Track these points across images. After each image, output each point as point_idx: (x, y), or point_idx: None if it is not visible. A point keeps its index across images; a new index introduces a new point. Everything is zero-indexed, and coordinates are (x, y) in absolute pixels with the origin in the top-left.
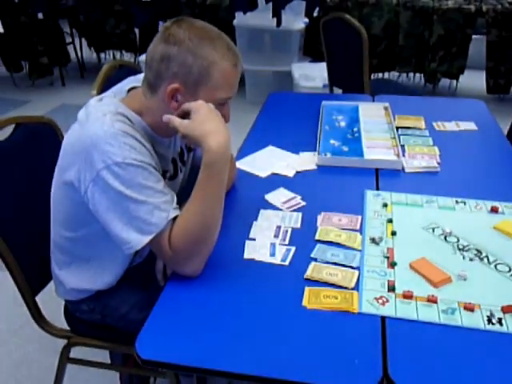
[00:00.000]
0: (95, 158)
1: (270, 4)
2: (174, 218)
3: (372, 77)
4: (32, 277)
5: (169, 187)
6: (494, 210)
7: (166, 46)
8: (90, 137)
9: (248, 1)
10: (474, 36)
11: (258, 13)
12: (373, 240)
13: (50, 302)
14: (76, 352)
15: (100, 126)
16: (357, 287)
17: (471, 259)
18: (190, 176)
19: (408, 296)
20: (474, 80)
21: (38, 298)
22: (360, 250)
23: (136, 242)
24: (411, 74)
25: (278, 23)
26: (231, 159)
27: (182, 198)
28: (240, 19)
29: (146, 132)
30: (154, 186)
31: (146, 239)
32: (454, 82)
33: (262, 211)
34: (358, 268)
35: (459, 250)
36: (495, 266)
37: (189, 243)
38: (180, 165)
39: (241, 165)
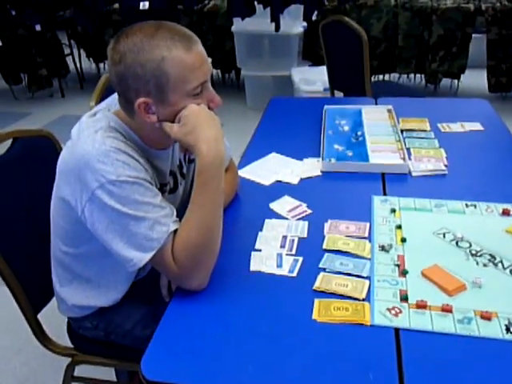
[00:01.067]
0: (89, 178)
1: (268, 9)
2: (175, 232)
3: (372, 79)
4: (33, 294)
5: (169, 201)
6: (506, 213)
7: (115, 67)
8: (82, 155)
9: (246, 6)
10: (474, 35)
11: (256, 18)
12: (382, 247)
13: (54, 318)
14: (81, 369)
15: (91, 144)
16: (368, 298)
17: (485, 265)
18: (191, 189)
19: (422, 306)
20: (475, 79)
21: (40, 315)
22: (369, 259)
23: (138, 259)
24: (412, 75)
25: (277, 28)
26: (233, 167)
27: (184, 211)
28: (238, 25)
29: (140, 146)
30: (152, 200)
31: (148, 256)
32: (456, 81)
33: (267, 221)
34: (368, 277)
35: (472, 255)
36: (510, 272)
37: (192, 254)
38: (180, 178)
39: (244, 173)
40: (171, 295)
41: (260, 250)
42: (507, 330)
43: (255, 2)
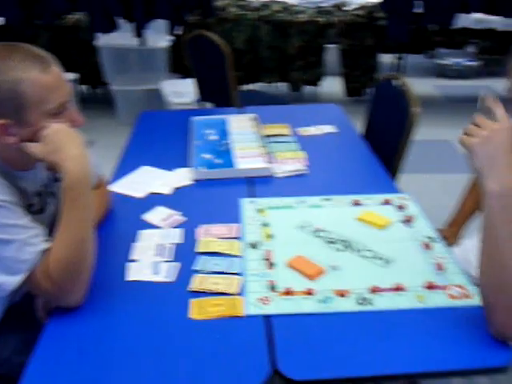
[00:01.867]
0: None
1: (132, 23)
2: (47, 251)
3: (242, 89)
4: None
5: (38, 221)
6: (357, 203)
7: None
8: None
9: (107, 22)
10: (329, 45)
11: (121, 32)
12: (252, 245)
13: None
14: None
15: None
16: (241, 292)
17: (340, 250)
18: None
19: (288, 292)
20: (336, 86)
21: None
22: (241, 256)
23: (8, 283)
24: (278, 84)
25: (142, 42)
26: (102, 184)
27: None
28: (103, 40)
29: (1, 168)
30: (18, 222)
31: (18, 278)
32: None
33: (141, 232)
34: (240, 273)
35: (329, 243)
36: (361, 253)
37: (66, 270)
38: (47, 197)
39: (116, 188)
40: (47, 317)
41: (135, 261)
42: (360, 303)
43: (119, 17)
